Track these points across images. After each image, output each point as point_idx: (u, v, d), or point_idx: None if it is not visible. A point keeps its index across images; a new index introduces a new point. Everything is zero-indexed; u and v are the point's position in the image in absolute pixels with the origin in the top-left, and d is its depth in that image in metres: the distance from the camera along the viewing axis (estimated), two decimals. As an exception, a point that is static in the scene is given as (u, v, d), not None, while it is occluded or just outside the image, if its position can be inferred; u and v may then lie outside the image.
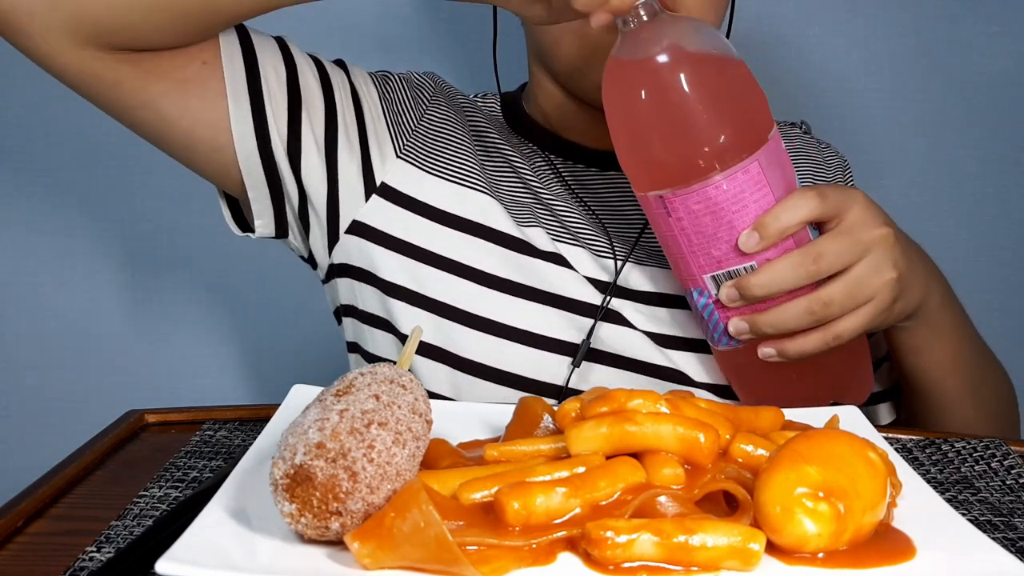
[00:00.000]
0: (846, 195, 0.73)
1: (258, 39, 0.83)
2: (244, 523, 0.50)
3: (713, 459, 0.54)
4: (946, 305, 0.81)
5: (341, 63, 0.89)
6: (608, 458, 0.53)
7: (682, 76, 0.69)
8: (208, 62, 0.79)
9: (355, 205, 0.85)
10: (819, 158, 1.00)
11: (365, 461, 0.47)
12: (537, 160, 0.93)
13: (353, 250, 0.86)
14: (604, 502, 0.50)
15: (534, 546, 0.47)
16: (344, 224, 0.85)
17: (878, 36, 1.27)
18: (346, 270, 0.87)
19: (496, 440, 0.61)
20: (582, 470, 0.51)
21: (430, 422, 0.53)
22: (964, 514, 0.60)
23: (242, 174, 0.82)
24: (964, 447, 0.72)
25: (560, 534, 0.48)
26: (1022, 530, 0.59)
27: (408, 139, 0.88)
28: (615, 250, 0.86)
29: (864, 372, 0.81)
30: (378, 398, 0.50)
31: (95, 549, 0.55)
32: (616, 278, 0.84)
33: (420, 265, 0.84)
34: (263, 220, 0.86)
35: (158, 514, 0.59)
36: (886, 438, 0.65)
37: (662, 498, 0.50)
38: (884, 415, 0.92)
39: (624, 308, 0.84)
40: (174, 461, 0.67)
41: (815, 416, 0.65)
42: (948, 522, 0.52)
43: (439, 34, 1.27)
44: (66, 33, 0.73)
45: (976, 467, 0.69)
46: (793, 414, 0.64)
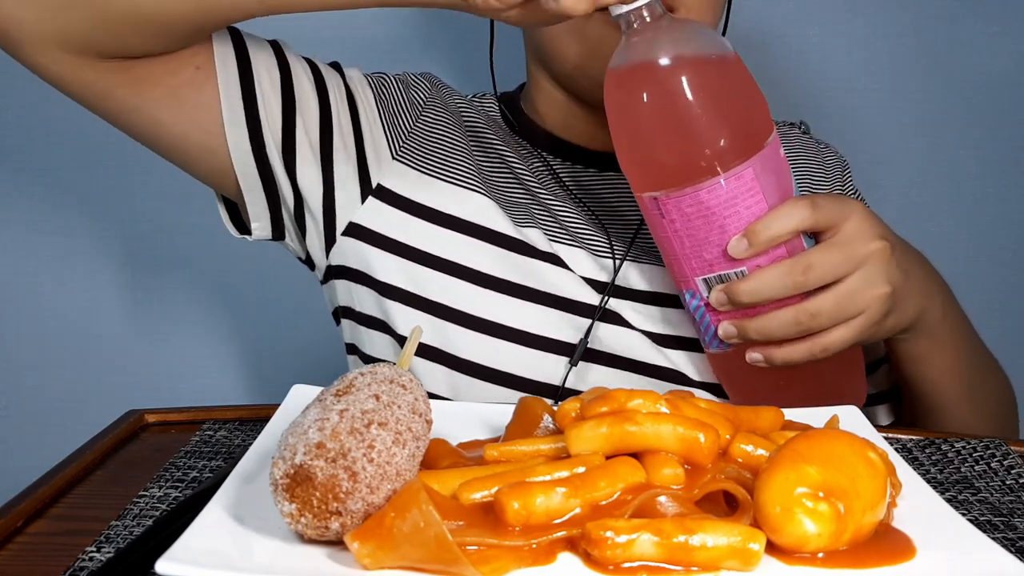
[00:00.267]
0: (842, 206, 0.72)
1: (252, 43, 0.82)
2: (244, 523, 0.50)
3: (713, 459, 0.54)
4: (948, 316, 0.80)
5: (336, 65, 0.89)
6: (608, 458, 0.53)
7: (679, 81, 0.69)
8: (201, 67, 0.79)
9: (351, 207, 0.85)
10: (818, 159, 1.00)
11: (365, 461, 0.47)
12: (534, 160, 0.92)
13: (349, 252, 0.86)
14: (604, 502, 0.50)
15: (534, 546, 0.47)
16: (340, 226, 0.85)
17: (878, 36, 1.27)
18: (343, 272, 0.87)
19: (496, 440, 0.61)
20: (582, 470, 0.51)
21: (430, 422, 0.53)
22: (964, 514, 0.60)
23: (237, 178, 0.82)
24: (964, 447, 0.72)
25: (560, 534, 0.48)
26: (1022, 530, 0.59)
27: (404, 140, 0.87)
28: (614, 249, 0.86)
29: (857, 380, 0.81)
30: (378, 398, 0.50)
31: (95, 549, 0.55)
32: (615, 277, 0.84)
33: (417, 266, 0.84)
34: (260, 223, 0.86)
35: (158, 514, 0.59)
36: (886, 438, 0.65)
37: (662, 498, 0.50)
38: (883, 417, 0.92)
39: (622, 308, 0.84)
40: (174, 461, 0.67)
41: (815, 416, 0.65)
42: (948, 522, 0.52)
43: (438, 34, 1.27)
44: (56, 44, 0.73)
45: (976, 467, 0.69)
46: (793, 414, 0.64)
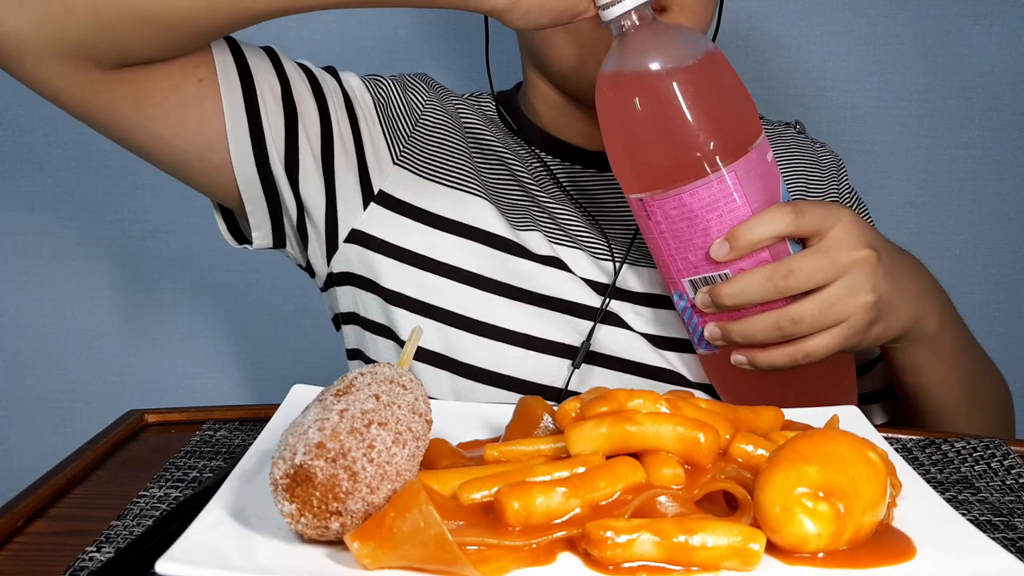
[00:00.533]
0: (829, 213, 0.72)
1: (251, 54, 0.81)
2: (244, 523, 0.50)
3: (713, 459, 0.54)
4: (946, 325, 0.80)
5: (332, 70, 0.88)
6: (608, 458, 0.53)
7: (665, 85, 0.70)
8: (204, 80, 0.78)
9: (353, 214, 0.84)
10: (813, 158, 1.00)
11: (365, 461, 0.47)
12: (532, 161, 0.92)
13: (354, 258, 0.85)
14: (604, 502, 0.50)
15: (534, 546, 0.47)
16: (343, 233, 0.85)
17: (878, 36, 1.27)
18: (347, 278, 0.87)
19: (496, 440, 0.61)
20: (582, 470, 0.51)
21: (430, 422, 0.53)
22: (964, 514, 0.60)
23: (239, 190, 0.81)
24: (964, 447, 0.72)
25: (560, 534, 0.48)
26: (1022, 530, 0.59)
27: (404, 145, 0.87)
28: (613, 252, 0.86)
29: (846, 387, 0.81)
30: (378, 398, 0.50)
31: (95, 549, 0.55)
32: (615, 279, 0.84)
33: (420, 272, 0.84)
34: (261, 232, 0.85)
35: (158, 514, 0.59)
36: (886, 438, 0.65)
37: (662, 498, 0.50)
38: (877, 416, 0.92)
39: (622, 310, 0.84)
40: (174, 461, 0.67)
41: (815, 416, 0.65)
42: (948, 522, 0.52)
43: (436, 34, 1.27)
44: (56, 54, 0.72)
45: (976, 467, 0.69)
46: (793, 414, 0.64)
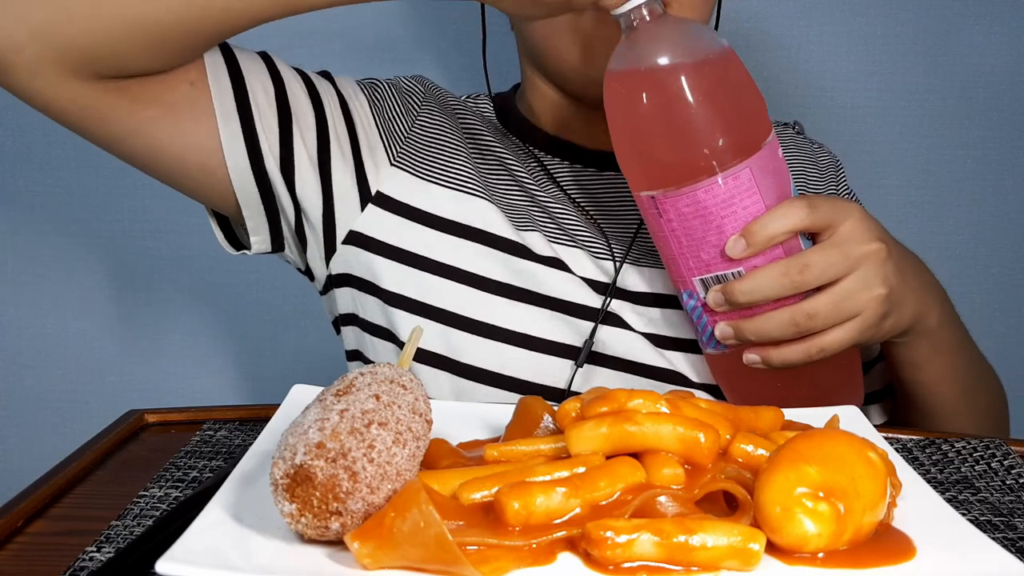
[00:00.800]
0: (840, 207, 0.72)
1: (242, 56, 0.82)
2: (244, 523, 0.50)
3: (713, 459, 0.54)
4: (946, 322, 0.80)
5: (327, 74, 0.88)
6: (608, 458, 0.53)
7: (679, 81, 0.69)
8: (195, 83, 0.78)
9: (351, 216, 0.84)
10: (812, 158, 1.00)
11: (365, 461, 0.47)
12: (531, 161, 0.92)
13: (352, 260, 0.85)
14: (604, 502, 0.50)
15: (534, 546, 0.47)
16: (341, 235, 0.85)
17: (878, 36, 1.27)
18: (346, 280, 0.86)
19: (496, 440, 0.61)
20: (582, 470, 0.51)
21: (430, 422, 0.53)
22: (964, 514, 0.60)
23: (236, 194, 0.81)
24: (964, 447, 0.72)
25: (560, 534, 0.48)
26: (1022, 530, 0.59)
27: (401, 146, 0.87)
28: (613, 251, 0.86)
29: (854, 383, 0.81)
30: (378, 398, 0.50)
31: (95, 549, 0.55)
32: (616, 279, 0.84)
33: (420, 273, 0.84)
34: (259, 236, 0.85)
35: (158, 514, 0.59)
36: (886, 438, 0.65)
37: (662, 498, 0.50)
38: (876, 416, 0.92)
39: (623, 310, 0.84)
40: (174, 461, 0.67)
41: (815, 416, 0.65)
42: (948, 522, 0.52)
43: (434, 34, 1.27)
44: (53, 65, 0.72)
45: (976, 467, 0.69)
46: (793, 414, 0.64)
